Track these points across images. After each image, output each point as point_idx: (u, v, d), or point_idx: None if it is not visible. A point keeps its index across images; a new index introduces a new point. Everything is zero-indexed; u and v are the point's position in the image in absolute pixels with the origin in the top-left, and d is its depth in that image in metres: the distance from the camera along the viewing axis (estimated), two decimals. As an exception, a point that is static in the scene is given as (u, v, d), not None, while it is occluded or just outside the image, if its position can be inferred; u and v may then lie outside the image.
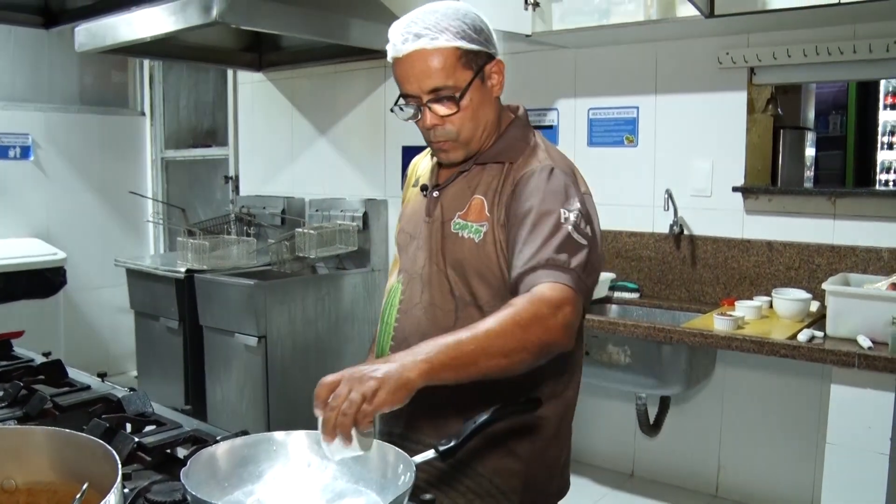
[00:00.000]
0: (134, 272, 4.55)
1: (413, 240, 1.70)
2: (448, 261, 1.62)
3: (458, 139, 1.60)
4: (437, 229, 1.65)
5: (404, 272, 1.71)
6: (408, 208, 1.78)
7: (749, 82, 3.23)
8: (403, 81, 1.57)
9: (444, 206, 1.66)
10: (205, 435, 1.80)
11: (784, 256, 3.17)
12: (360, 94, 4.52)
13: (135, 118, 6.11)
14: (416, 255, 1.68)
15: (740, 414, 3.37)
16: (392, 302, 1.71)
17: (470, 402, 1.53)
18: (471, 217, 1.61)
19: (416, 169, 1.85)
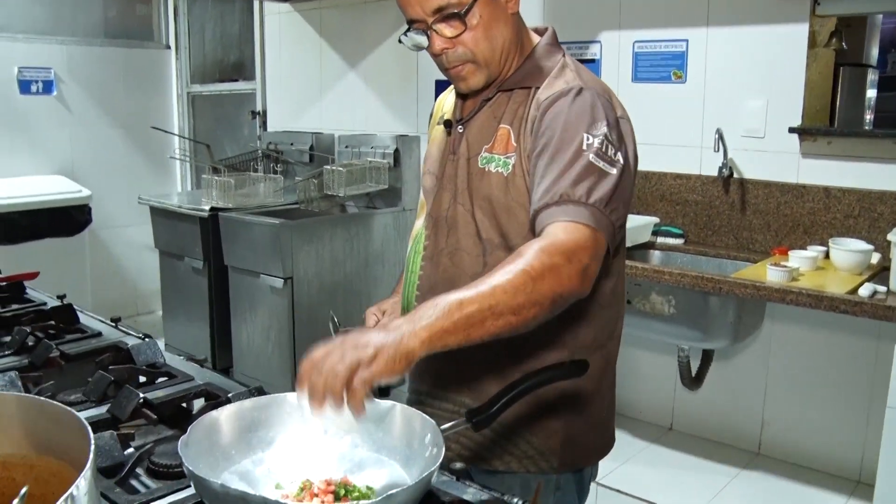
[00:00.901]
0: (158, 210, 4.43)
1: (437, 181, 1.57)
2: (475, 200, 1.50)
3: (476, 60, 1.46)
4: (462, 166, 1.52)
5: (429, 216, 1.58)
6: (433, 148, 1.64)
7: (812, 13, 2.97)
8: (405, 6, 1.45)
9: (469, 141, 1.52)
10: (217, 389, 1.69)
11: (842, 203, 2.95)
12: (392, 26, 4.29)
13: (160, 51, 5.94)
14: (439, 196, 1.56)
15: (788, 370, 3.19)
16: (416, 249, 1.60)
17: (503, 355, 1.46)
18: (497, 149, 1.48)
19: (441, 106, 1.71)
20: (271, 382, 3.93)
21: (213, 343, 4.26)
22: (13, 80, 5.11)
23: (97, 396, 1.62)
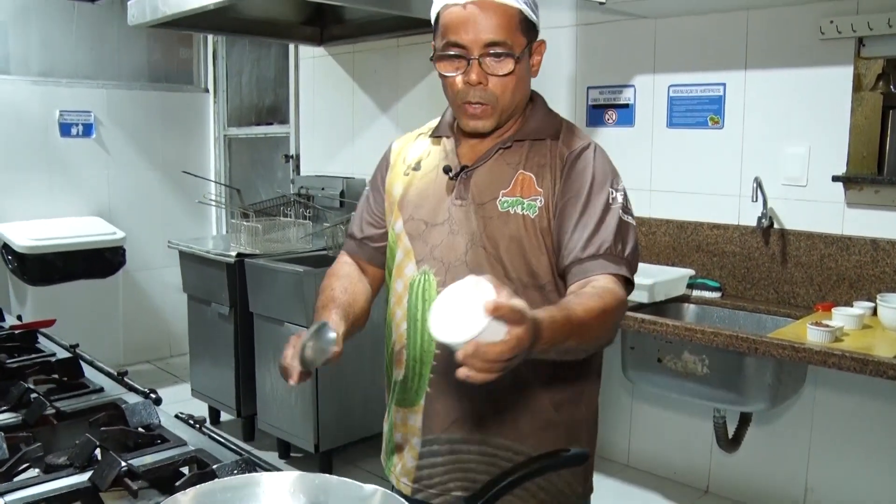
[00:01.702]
0: (186, 255, 4.39)
1: (434, 226, 1.58)
2: (500, 242, 1.53)
3: (496, 105, 1.52)
4: (474, 211, 1.55)
5: (429, 261, 1.57)
6: (411, 195, 1.63)
7: (856, 55, 2.83)
8: (457, 30, 1.47)
9: (478, 185, 1.56)
10: (207, 457, 1.59)
11: (892, 257, 2.77)
12: (423, 70, 4.24)
13: (198, 95, 5.99)
14: (448, 241, 1.56)
15: (834, 435, 2.99)
16: (425, 297, 1.56)
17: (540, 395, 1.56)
18: (519, 193, 1.53)
19: (403, 154, 1.72)
20: (294, 433, 3.84)
21: (237, 390, 4.17)
22: (54, 124, 5.20)
23: (82, 462, 1.53)
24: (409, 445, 1.64)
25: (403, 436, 1.66)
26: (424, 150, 1.67)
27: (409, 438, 1.64)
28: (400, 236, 1.62)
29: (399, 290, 1.62)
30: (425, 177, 1.63)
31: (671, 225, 3.31)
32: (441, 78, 1.53)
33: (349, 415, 3.84)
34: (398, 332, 1.63)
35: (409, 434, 1.64)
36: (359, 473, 3.92)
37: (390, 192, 1.68)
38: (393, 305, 1.65)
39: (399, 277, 1.62)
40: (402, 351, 1.63)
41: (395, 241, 1.64)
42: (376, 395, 3.91)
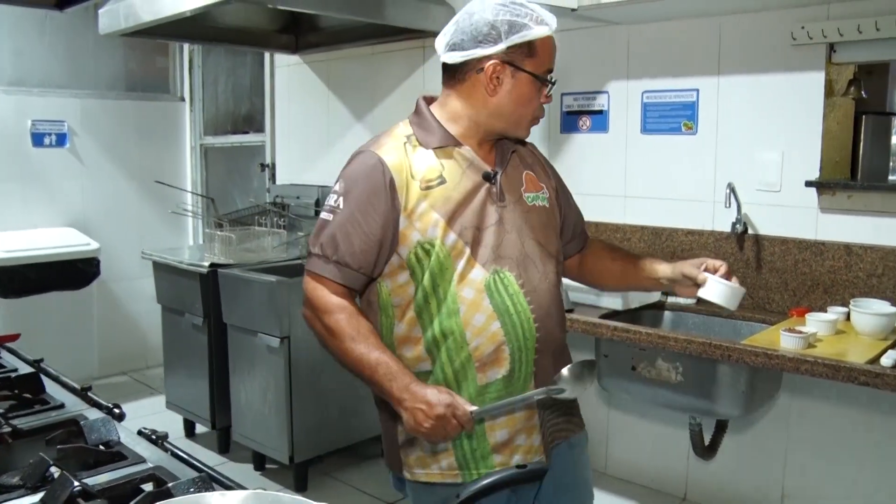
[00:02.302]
0: (160, 265, 4.34)
1: (485, 230, 1.72)
2: (537, 230, 1.79)
3: None
4: (513, 209, 1.76)
5: (496, 261, 1.71)
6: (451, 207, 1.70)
7: (828, 61, 2.82)
8: (552, 58, 1.74)
9: (505, 187, 1.76)
10: (165, 475, 1.54)
11: (865, 262, 2.76)
12: (399, 77, 4.21)
13: (174, 103, 5.95)
14: (507, 239, 1.73)
15: (810, 441, 2.98)
16: (509, 291, 1.71)
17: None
18: (532, 188, 1.82)
19: (407, 171, 1.71)
20: (268, 444, 3.79)
21: (212, 402, 4.12)
22: (27, 134, 5.13)
23: (34, 482, 1.49)
24: (530, 427, 1.78)
25: (512, 429, 1.76)
26: (435, 164, 1.72)
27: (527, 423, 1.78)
28: (455, 246, 1.68)
29: (470, 296, 1.69)
30: (458, 187, 1.71)
31: (646, 231, 3.29)
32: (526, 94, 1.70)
33: (324, 426, 3.80)
34: (488, 334, 1.70)
35: (524, 421, 1.77)
36: (334, 485, 3.88)
37: (412, 211, 1.68)
38: (466, 312, 1.69)
39: (465, 285, 1.69)
40: (500, 349, 1.71)
41: (447, 254, 1.68)
42: (351, 406, 3.90)
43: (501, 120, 1.73)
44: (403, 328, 1.74)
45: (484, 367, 1.71)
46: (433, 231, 1.67)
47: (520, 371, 1.73)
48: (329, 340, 1.71)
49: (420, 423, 1.59)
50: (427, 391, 1.61)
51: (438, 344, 1.71)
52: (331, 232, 1.70)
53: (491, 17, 1.65)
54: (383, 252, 1.70)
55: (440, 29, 4.04)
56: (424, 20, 3.83)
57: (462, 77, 1.72)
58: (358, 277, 1.71)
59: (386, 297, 1.74)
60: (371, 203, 1.68)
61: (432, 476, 1.77)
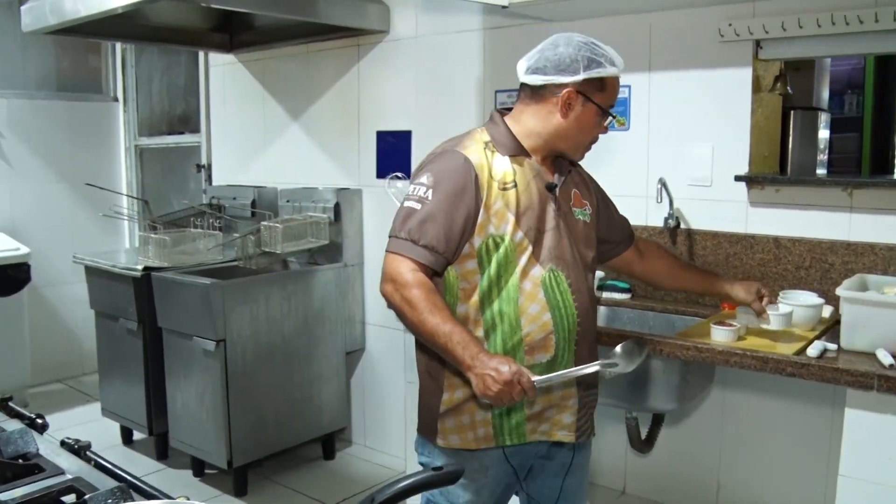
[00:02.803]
0: (92, 269, 4.24)
1: (545, 232, 1.98)
2: (581, 240, 2.05)
3: None
4: (565, 218, 2.02)
5: (551, 261, 1.97)
6: (521, 207, 1.95)
7: (755, 57, 2.86)
8: (616, 95, 2.03)
9: (561, 200, 2.03)
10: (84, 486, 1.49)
11: (793, 254, 2.81)
12: (334, 76, 4.17)
13: (107, 104, 5.83)
14: (561, 244, 1.99)
15: (743, 433, 3.03)
16: (560, 288, 1.97)
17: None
18: (578, 205, 2.09)
19: (487, 171, 1.95)
20: (206, 449, 3.72)
21: (148, 408, 4.03)
22: (-50, 136, 4.97)
23: (-58, 497, 1.43)
24: (566, 407, 2.04)
25: (547, 402, 2.02)
26: (509, 169, 1.97)
27: (565, 402, 2.04)
28: (521, 243, 1.94)
29: (529, 288, 1.94)
30: (526, 191, 1.96)
31: (582, 228, 3.30)
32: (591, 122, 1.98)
33: (262, 429, 3.75)
34: (540, 323, 1.95)
35: (557, 399, 2.02)
36: (274, 488, 3.83)
37: (489, 206, 1.93)
38: (523, 302, 1.94)
39: (526, 278, 1.94)
40: (549, 337, 1.96)
41: (513, 248, 1.94)
42: (289, 409, 3.86)
43: (564, 141, 1.99)
44: (466, 309, 1.96)
45: (532, 350, 1.96)
46: (505, 227, 1.93)
47: (562, 358, 1.98)
48: (409, 312, 1.87)
49: (489, 387, 1.77)
50: (496, 359, 1.80)
51: (495, 326, 1.95)
52: (420, 219, 1.90)
53: (574, 51, 1.93)
54: (463, 240, 1.93)
55: (375, 27, 4.04)
56: (359, 19, 3.80)
57: (539, 98, 1.98)
58: (440, 261, 1.92)
59: (452, 280, 1.96)
60: (459, 196, 1.91)
61: (468, 443, 2.01)
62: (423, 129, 3.81)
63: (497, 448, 2.02)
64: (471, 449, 2.01)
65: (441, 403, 2.02)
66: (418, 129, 3.82)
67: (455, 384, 1.99)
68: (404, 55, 3.85)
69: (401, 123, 3.88)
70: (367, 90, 4.02)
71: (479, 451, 2.02)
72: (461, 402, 1.99)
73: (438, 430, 2.03)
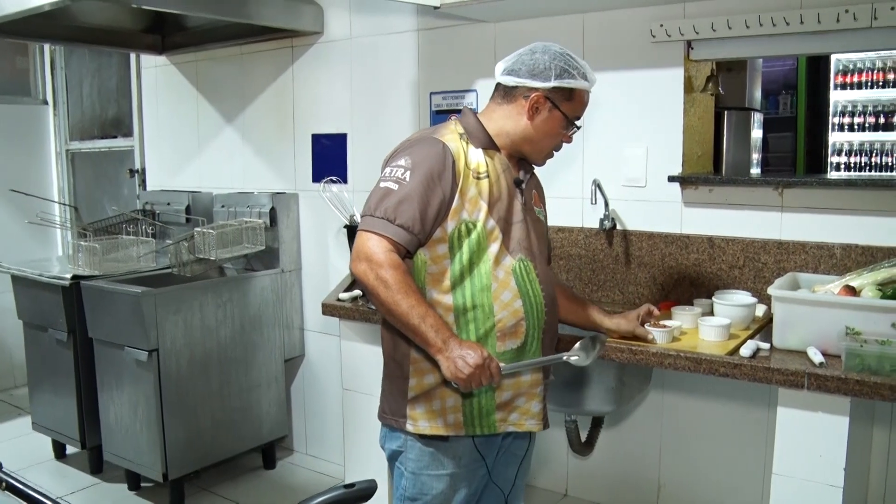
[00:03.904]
0: (18, 278, 4.10)
1: (514, 224, 2.06)
2: (539, 238, 2.14)
3: None
4: (529, 214, 2.11)
5: (520, 251, 2.05)
6: (493, 197, 2.01)
7: (686, 57, 2.87)
8: (584, 108, 2.11)
9: (525, 197, 2.12)
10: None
11: (727, 254, 2.83)
12: (268, 78, 4.10)
13: (36, 107, 5.65)
14: (528, 235, 2.08)
15: (682, 430, 3.04)
16: (529, 277, 2.05)
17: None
18: (538, 204, 2.21)
19: (464, 160, 2.00)
20: (141, 462, 3.63)
21: (81, 421, 3.91)
22: None
23: None
24: (534, 394, 2.10)
25: (516, 391, 2.07)
26: (482, 160, 2.03)
27: (533, 389, 2.09)
28: (492, 231, 2.00)
29: (501, 276, 2.01)
30: (497, 183, 2.03)
31: (519, 230, 3.28)
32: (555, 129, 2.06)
33: (198, 440, 3.66)
34: (512, 309, 2.01)
35: (524, 388, 2.08)
36: (212, 499, 3.75)
37: (465, 193, 1.98)
38: (496, 289, 2.00)
39: (498, 266, 2.01)
40: (520, 324, 2.02)
41: (485, 235, 1.99)
42: (225, 418, 3.77)
43: (528, 144, 2.07)
44: (434, 293, 1.99)
45: (504, 336, 2.01)
46: (478, 214, 1.98)
47: (530, 344, 2.06)
48: (383, 292, 1.88)
49: (460, 370, 1.84)
50: (466, 344, 1.88)
51: (467, 312, 1.99)
52: (397, 199, 1.92)
53: (549, 59, 2.00)
54: (437, 223, 1.96)
55: (309, 28, 3.99)
56: (292, 20, 3.74)
57: (511, 98, 2.05)
58: (414, 241, 1.95)
59: (420, 264, 2.00)
60: (435, 180, 1.95)
61: (437, 429, 2.03)
62: (358, 132, 3.76)
63: (467, 437, 2.06)
64: (442, 436, 2.05)
65: (409, 389, 2.05)
66: (354, 132, 3.77)
67: (423, 369, 2.02)
68: (339, 56, 3.79)
69: (336, 126, 3.83)
70: (302, 92, 3.96)
71: (451, 438, 2.05)
72: (432, 387, 2.03)
73: (408, 416, 2.05)
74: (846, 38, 2.55)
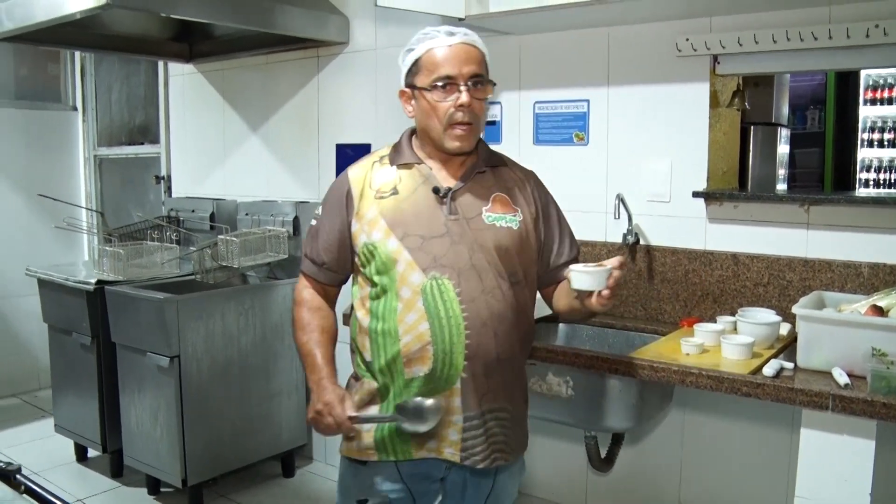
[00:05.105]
0: (45, 282, 4.14)
1: (433, 239, 1.89)
2: (491, 248, 1.92)
3: (476, 124, 1.92)
4: (466, 224, 1.92)
5: (437, 268, 1.88)
6: (398, 215, 1.92)
7: (712, 72, 2.85)
8: (448, 64, 1.87)
9: (464, 204, 1.94)
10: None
11: (751, 271, 2.80)
12: (293, 87, 4.12)
13: (66, 113, 5.72)
14: (452, 250, 1.89)
15: (704, 449, 3.00)
16: (444, 297, 1.87)
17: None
18: (499, 210, 1.97)
19: (367, 182, 1.97)
20: (160, 467, 3.64)
21: (102, 424, 3.94)
22: None
23: None
24: (450, 422, 1.92)
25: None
26: (395, 177, 1.96)
27: (449, 417, 1.91)
28: (397, 251, 1.89)
29: (407, 296, 1.89)
30: (409, 198, 1.93)
31: (541, 243, 3.26)
32: (428, 107, 1.89)
33: (218, 447, 3.67)
34: (416, 333, 1.88)
35: (447, 415, 1.91)
36: (228, 508, 3.76)
37: (362, 217, 1.94)
38: (401, 311, 1.89)
39: (405, 286, 1.89)
40: (426, 348, 1.88)
41: (388, 256, 1.90)
42: (245, 426, 3.78)
43: (427, 133, 1.96)
44: (360, 320, 1.99)
45: (410, 362, 1.90)
46: (376, 234, 1.91)
47: (442, 371, 1.89)
48: (293, 330, 2.03)
49: (309, 417, 1.92)
50: (324, 389, 1.92)
51: (378, 337, 1.94)
52: (312, 235, 2.03)
53: (401, 57, 1.97)
54: (344, 251, 1.99)
55: (335, 39, 4.01)
56: (319, 30, 3.76)
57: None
58: (321, 271, 2.02)
59: (355, 292, 2.03)
60: (334, 209, 1.99)
61: (352, 452, 2.02)
62: (382, 142, 3.74)
63: (389, 463, 1.99)
64: (360, 460, 2.02)
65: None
66: (378, 142, 3.77)
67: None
68: (364, 67, 3.80)
69: (360, 136, 3.83)
70: (327, 102, 3.97)
71: (371, 464, 2.00)
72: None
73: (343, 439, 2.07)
74: (876, 53, 2.52)
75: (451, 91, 1.87)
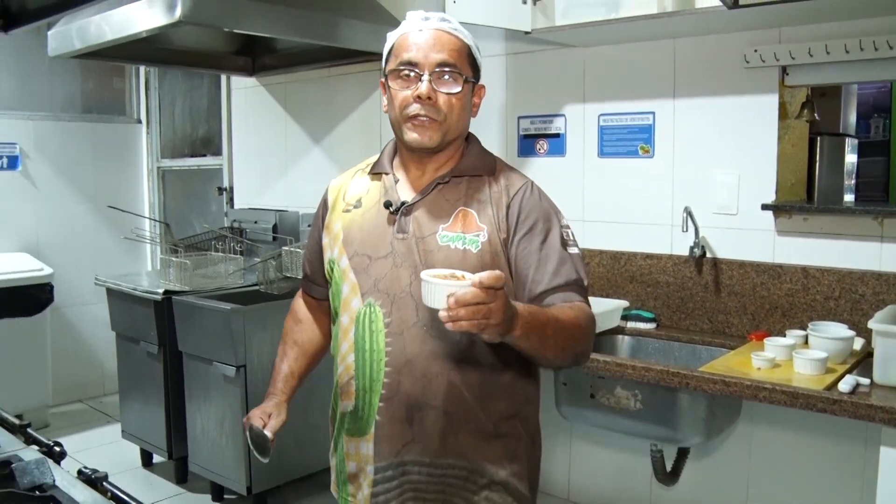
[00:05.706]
0: (113, 291, 4.24)
1: (377, 260, 1.66)
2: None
3: (443, 122, 1.63)
4: (415, 244, 1.63)
5: (374, 294, 1.64)
6: (354, 231, 1.71)
7: (781, 83, 2.82)
8: (410, 50, 1.62)
9: (419, 220, 1.65)
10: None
11: (822, 285, 2.76)
12: (355, 100, 4.17)
13: (131, 126, 5.85)
14: (393, 273, 1.63)
15: (771, 465, 2.96)
16: (372, 328, 1.64)
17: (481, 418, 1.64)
18: (458, 229, 1.62)
19: (342, 193, 1.79)
20: (225, 475, 3.70)
21: (168, 431, 4.02)
22: (-24, 157, 5.01)
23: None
24: (364, 474, 1.68)
25: (357, 465, 1.71)
26: (364, 188, 1.75)
27: (364, 467, 1.68)
28: (346, 271, 1.69)
29: (345, 323, 1.68)
30: (366, 213, 1.70)
31: (605, 255, 3.26)
32: (390, 96, 1.65)
33: (283, 455, 3.71)
34: (346, 364, 1.69)
35: (362, 462, 1.69)
36: (294, 516, 3.80)
37: (330, 229, 1.75)
38: (339, 339, 1.71)
39: (345, 311, 1.69)
40: (350, 382, 1.67)
41: (340, 276, 1.70)
42: (310, 435, 3.82)
43: (393, 129, 1.71)
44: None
45: (342, 395, 1.72)
46: (335, 251, 1.73)
47: (363, 410, 1.66)
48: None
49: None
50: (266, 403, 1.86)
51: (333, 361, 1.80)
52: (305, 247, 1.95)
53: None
54: (320, 266, 1.83)
55: (395, 52, 3.99)
56: (380, 43, 3.77)
57: None
58: (311, 285, 1.92)
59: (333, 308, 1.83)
60: (316, 219, 1.87)
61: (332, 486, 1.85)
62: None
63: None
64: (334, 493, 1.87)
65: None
66: (440, 153, 3.80)
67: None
68: (426, 80, 3.83)
69: (422, 148, 3.86)
70: (389, 115, 4.01)
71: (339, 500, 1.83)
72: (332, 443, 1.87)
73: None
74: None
75: (415, 80, 1.61)
